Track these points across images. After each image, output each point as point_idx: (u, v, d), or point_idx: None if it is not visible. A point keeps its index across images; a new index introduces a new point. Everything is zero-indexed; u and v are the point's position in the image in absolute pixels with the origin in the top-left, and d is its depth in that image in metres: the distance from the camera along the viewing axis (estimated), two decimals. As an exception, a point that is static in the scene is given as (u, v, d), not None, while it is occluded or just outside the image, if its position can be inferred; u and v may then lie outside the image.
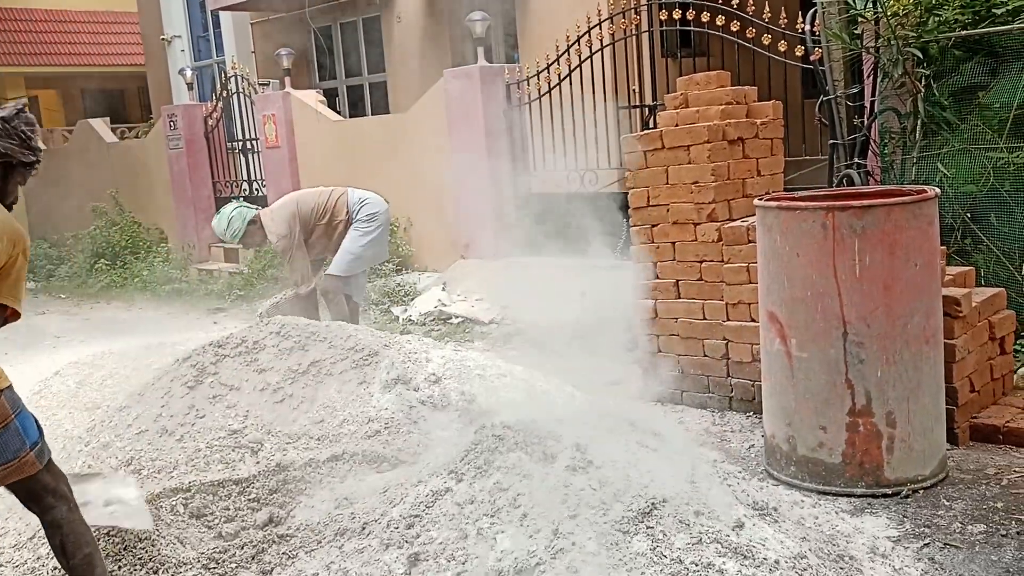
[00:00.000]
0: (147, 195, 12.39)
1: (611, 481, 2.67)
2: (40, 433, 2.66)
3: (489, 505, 2.75)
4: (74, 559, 2.68)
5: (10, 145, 2.63)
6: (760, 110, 4.88)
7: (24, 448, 2.55)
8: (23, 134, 2.67)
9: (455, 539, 2.72)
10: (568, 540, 2.54)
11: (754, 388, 4.57)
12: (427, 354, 4.40)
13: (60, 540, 2.67)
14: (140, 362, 5.64)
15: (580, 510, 2.60)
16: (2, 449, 2.51)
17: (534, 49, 8.63)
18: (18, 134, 2.66)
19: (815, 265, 3.49)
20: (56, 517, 2.67)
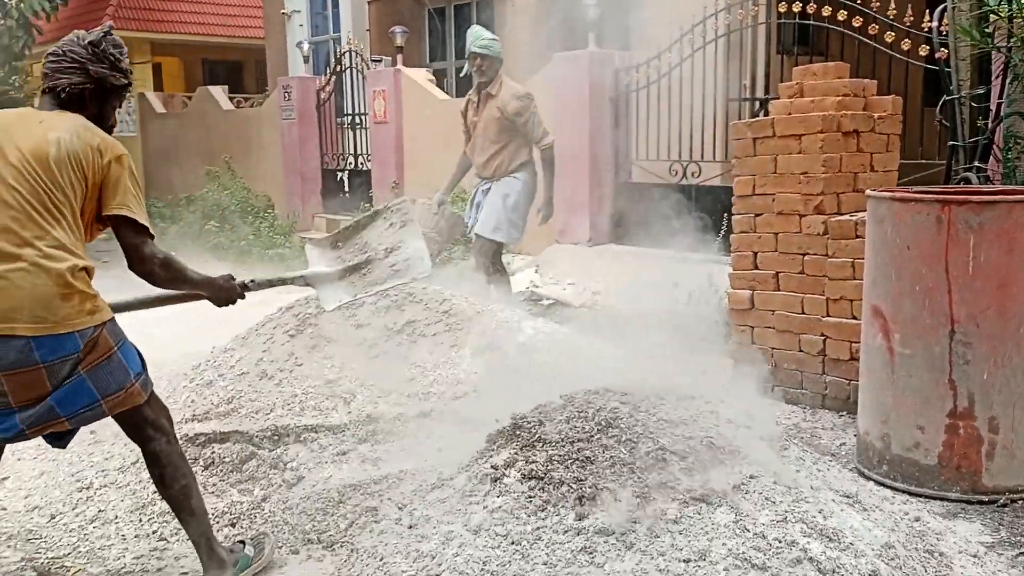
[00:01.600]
0: (258, 163, 12.80)
1: (697, 451, 2.65)
2: (143, 365, 2.71)
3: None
4: (171, 489, 2.76)
5: (100, 69, 2.66)
6: (879, 104, 4.75)
7: (129, 379, 2.61)
8: (112, 56, 2.69)
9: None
10: (651, 506, 2.54)
11: (849, 387, 4.46)
12: (519, 324, 4.45)
13: (159, 472, 2.75)
14: (244, 314, 5.83)
15: (664, 477, 2.59)
16: (108, 381, 2.56)
17: (645, 37, 8.56)
18: (107, 57, 2.68)
19: (926, 259, 3.39)
20: (156, 449, 2.74)
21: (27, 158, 2.49)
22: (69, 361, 2.48)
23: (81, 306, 2.49)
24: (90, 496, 3.45)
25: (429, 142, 10.09)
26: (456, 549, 2.56)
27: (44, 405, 2.49)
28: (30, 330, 2.41)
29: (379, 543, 2.87)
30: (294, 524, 3.15)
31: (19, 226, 2.44)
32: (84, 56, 2.65)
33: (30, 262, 2.42)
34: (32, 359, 2.43)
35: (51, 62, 2.66)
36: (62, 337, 2.46)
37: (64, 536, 3.23)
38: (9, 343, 2.41)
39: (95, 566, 3.02)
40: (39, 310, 2.42)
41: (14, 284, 2.41)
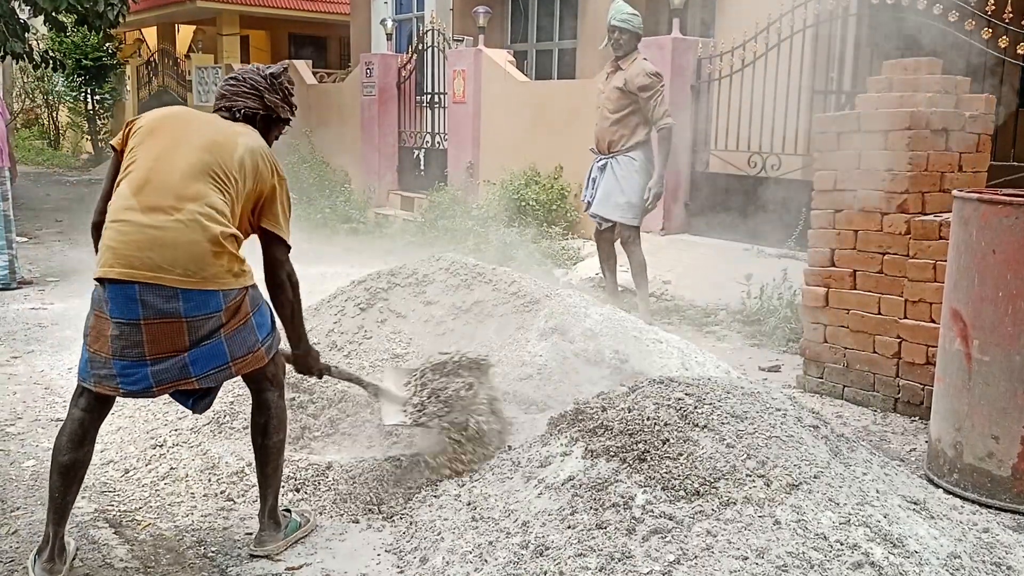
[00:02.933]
0: (337, 137, 12.98)
1: (759, 447, 2.62)
2: (272, 326, 2.84)
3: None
4: (270, 439, 2.90)
5: (275, 100, 2.89)
6: (971, 102, 4.59)
7: (257, 343, 2.73)
8: (287, 90, 2.92)
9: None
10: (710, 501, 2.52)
11: (923, 392, 4.35)
12: (586, 310, 4.43)
13: (264, 420, 2.89)
14: (316, 286, 5.96)
15: (725, 472, 2.57)
16: (239, 344, 2.67)
17: (731, 25, 8.42)
18: (282, 89, 2.91)
19: (1011, 264, 3.28)
20: (268, 399, 2.89)
21: (214, 142, 2.68)
22: (212, 319, 2.59)
23: (230, 266, 2.60)
24: (163, 454, 3.57)
25: (506, 124, 10.10)
26: (513, 530, 2.58)
27: (179, 360, 2.60)
28: (179, 282, 2.53)
29: (437, 517, 2.92)
30: (356, 494, 3.22)
31: (185, 184, 2.58)
32: (263, 85, 2.86)
33: (189, 217, 2.55)
34: (176, 310, 2.54)
35: (231, 85, 2.87)
36: (208, 293, 2.56)
37: (136, 491, 3.35)
38: (156, 291, 2.52)
39: (164, 521, 3.12)
40: (190, 264, 2.53)
41: (170, 236, 2.53)
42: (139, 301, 2.52)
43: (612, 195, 6.12)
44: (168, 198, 2.57)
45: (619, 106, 6.02)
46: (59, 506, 2.67)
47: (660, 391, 2.83)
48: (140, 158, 2.65)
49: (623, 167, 6.09)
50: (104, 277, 2.56)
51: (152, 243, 2.53)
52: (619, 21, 6.02)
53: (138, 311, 2.53)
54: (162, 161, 2.63)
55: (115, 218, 2.59)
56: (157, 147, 2.66)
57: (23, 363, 5.05)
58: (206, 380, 2.68)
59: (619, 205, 6.10)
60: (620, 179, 6.09)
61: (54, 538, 2.69)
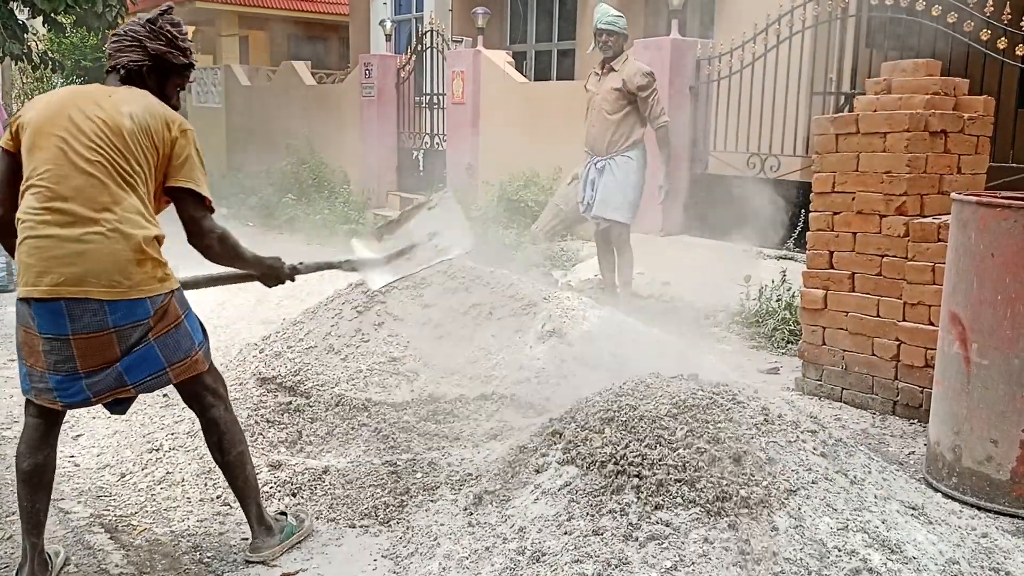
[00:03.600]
0: (336, 138, 12.97)
1: (756, 453, 2.61)
2: (204, 334, 2.78)
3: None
4: (228, 455, 2.83)
5: (159, 47, 2.69)
6: (969, 104, 4.57)
7: (194, 347, 2.68)
8: (169, 34, 2.72)
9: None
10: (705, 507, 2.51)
11: (922, 395, 4.34)
12: (584, 312, 4.42)
13: (217, 437, 2.82)
14: (314, 288, 5.95)
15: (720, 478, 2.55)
16: (175, 347, 2.62)
17: (730, 26, 8.41)
18: (163, 34, 2.70)
19: (1010, 268, 3.27)
20: (214, 416, 2.81)
21: (101, 129, 2.54)
22: (140, 327, 2.55)
23: (153, 272, 2.55)
24: (159, 458, 3.56)
25: (505, 125, 10.09)
26: (510, 535, 2.57)
27: (112, 371, 2.56)
28: (104, 294, 2.48)
29: (434, 522, 2.91)
30: (353, 498, 3.20)
31: (96, 192, 2.50)
32: (142, 34, 2.69)
33: (108, 227, 2.48)
34: (104, 323, 2.49)
35: (113, 42, 2.73)
36: (134, 302, 2.52)
37: (132, 495, 3.34)
38: (83, 306, 2.47)
39: (160, 526, 3.11)
40: (115, 275, 2.48)
41: (92, 248, 2.47)
42: (67, 316, 2.48)
43: (611, 196, 6.15)
44: (82, 208, 2.48)
45: (617, 106, 6.04)
46: (29, 515, 2.62)
47: (656, 394, 2.82)
48: (39, 164, 2.51)
49: (621, 167, 6.12)
50: (29, 296, 2.49)
51: (74, 257, 2.46)
52: (605, 24, 6.09)
53: (66, 326, 2.49)
54: (64, 168, 2.50)
55: (31, 233, 2.49)
56: (51, 149, 2.52)
57: (12, 369, 5.04)
58: (143, 387, 2.64)
59: (618, 205, 6.14)
60: (619, 179, 6.12)
61: (32, 552, 2.63)
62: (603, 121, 6.11)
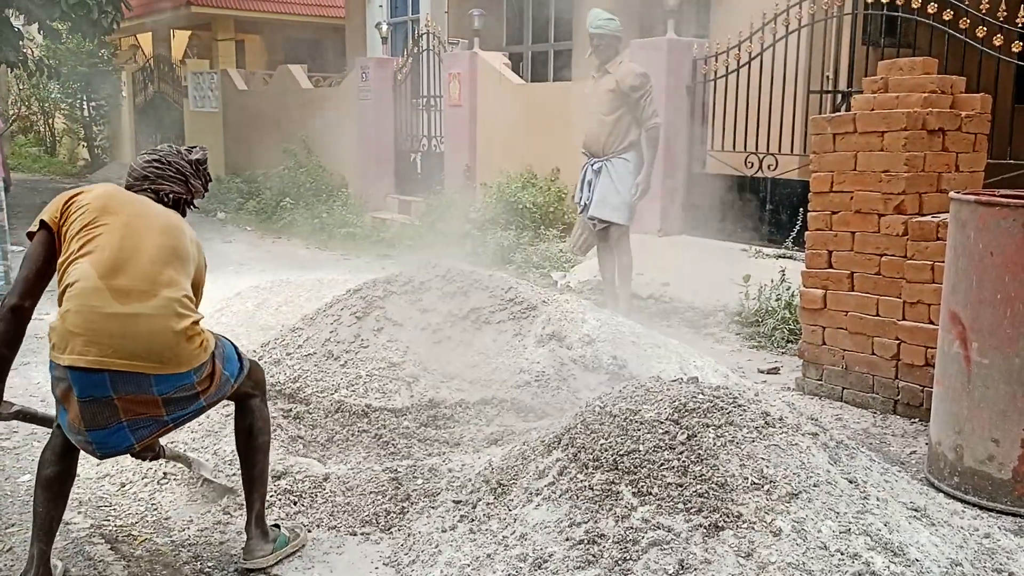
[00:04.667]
0: (334, 141, 12.96)
1: (759, 456, 2.60)
2: (240, 360, 2.84)
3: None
4: (256, 440, 2.91)
5: (198, 186, 2.90)
6: (967, 102, 4.57)
7: (231, 384, 2.78)
8: (207, 176, 2.95)
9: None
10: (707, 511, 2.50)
11: (923, 394, 4.33)
12: (583, 315, 4.42)
13: (249, 423, 2.91)
14: (313, 293, 5.95)
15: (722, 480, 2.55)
16: (216, 395, 2.74)
17: (726, 26, 8.40)
18: (205, 175, 2.93)
19: (1009, 267, 3.26)
20: (251, 404, 2.92)
21: (170, 224, 2.69)
22: (186, 390, 2.62)
23: (200, 347, 2.61)
24: (159, 467, 3.55)
25: (503, 126, 10.08)
26: (511, 542, 2.56)
27: (159, 420, 2.63)
28: (154, 368, 2.52)
29: (435, 529, 2.90)
30: (354, 505, 3.19)
31: (158, 271, 2.57)
32: (188, 171, 2.86)
33: (163, 304, 2.54)
34: (150, 392, 2.55)
35: (156, 168, 2.81)
36: (180, 375, 2.58)
37: (133, 505, 3.33)
38: (129, 378, 2.51)
39: (160, 536, 3.10)
40: (166, 352, 2.53)
41: (145, 325, 2.50)
42: (110, 385, 2.50)
43: (608, 197, 6.17)
44: (142, 283, 2.54)
45: (612, 108, 6.06)
46: (43, 523, 2.64)
47: (657, 398, 2.81)
48: (102, 237, 2.56)
49: (617, 169, 6.14)
50: (74, 365, 2.48)
51: (125, 332, 2.48)
52: (596, 28, 6.13)
53: (109, 392, 2.51)
54: (128, 242, 2.57)
55: (83, 302, 2.49)
56: (118, 228, 2.59)
57: (18, 375, 5.02)
58: (182, 422, 2.73)
59: (615, 206, 6.16)
60: (615, 181, 6.14)
61: (39, 560, 2.63)
62: (599, 123, 6.13)
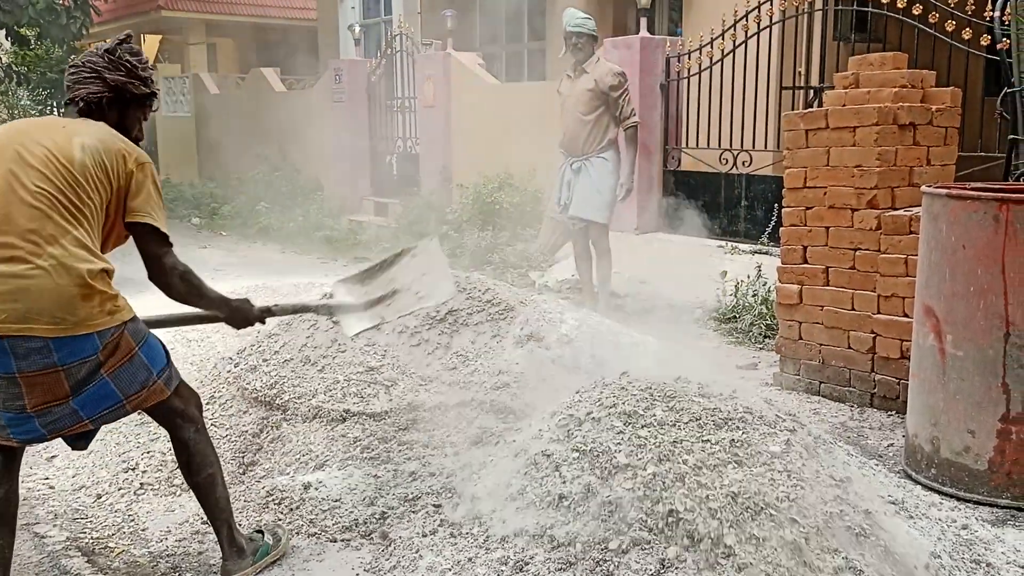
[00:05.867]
0: (308, 144, 12.90)
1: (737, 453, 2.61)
2: (167, 358, 2.68)
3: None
4: (198, 477, 2.77)
5: (118, 78, 2.62)
6: (937, 96, 4.61)
7: (151, 377, 2.59)
8: (128, 64, 2.65)
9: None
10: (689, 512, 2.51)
11: (899, 387, 4.37)
12: (561, 315, 4.41)
13: (186, 458, 2.76)
14: (290, 297, 5.90)
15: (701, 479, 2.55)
16: (131, 380, 2.54)
17: (698, 23, 8.44)
18: (123, 64, 2.64)
19: (982, 260, 3.29)
20: (183, 437, 2.74)
21: (50, 160, 2.46)
22: (88, 363, 2.45)
23: (102, 306, 2.45)
24: (136, 477, 3.52)
25: (478, 127, 10.07)
26: (492, 546, 2.56)
27: (66, 407, 2.48)
28: (49, 331, 2.37)
29: (416, 534, 2.89)
30: (333, 511, 3.17)
31: (39, 225, 2.40)
32: (100, 65, 2.62)
33: (52, 262, 2.38)
34: (50, 361, 2.40)
35: (71, 74, 2.64)
36: (81, 338, 2.42)
37: (109, 516, 3.29)
38: (27, 343, 2.37)
39: (138, 547, 3.07)
40: (58, 311, 2.38)
41: (35, 284, 2.36)
42: (11, 354, 2.37)
43: (589, 196, 6.19)
44: (23, 242, 2.37)
45: (591, 107, 6.07)
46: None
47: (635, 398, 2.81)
48: None
49: (597, 168, 6.16)
50: None
51: (15, 293, 2.34)
52: (573, 27, 6.14)
53: (11, 364, 2.38)
54: (5, 197, 2.40)
55: None
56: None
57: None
58: (100, 421, 2.57)
59: (596, 206, 6.18)
60: (595, 180, 6.16)
61: None
62: (577, 122, 6.14)
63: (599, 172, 6.15)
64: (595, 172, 6.15)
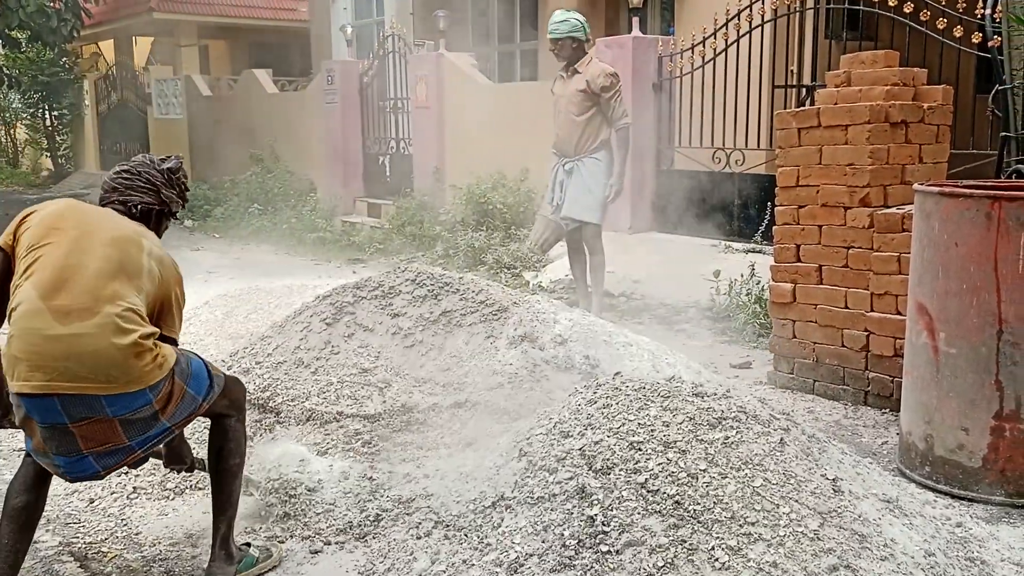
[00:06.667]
0: (301, 146, 12.88)
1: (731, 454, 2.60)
2: (210, 378, 2.73)
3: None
4: (224, 463, 2.82)
5: (171, 195, 2.81)
6: (929, 94, 4.62)
7: (197, 405, 2.68)
8: (182, 185, 2.86)
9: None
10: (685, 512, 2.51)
11: (893, 384, 4.37)
12: (555, 315, 4.41)
13: (221, 444, 2.82)
14: (283, 300, 5.90)
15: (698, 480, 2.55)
16: (179, 414, 2.63)
17: (691, 22, 8.45)
18: (179, 184, 2.84)
19: (974, 257, 3.30)
20: (226, 424, 2.82)
21: (122, 237, 2.58)
22: (143, 411, 2.51)
23: (153, 362, 2.50)
24: (129, 480, 3.50)
25: (471, 127, 10.06)
26: (486, 547, 2.55)
27: (124, 447, 2.54)
28: (102, 389, 2.42)
29: (410, 537, 2.88)
30: (327, 514, 3.16)
31: (101, 285, 2.46)
32: (160, 180, 2.78)
33: (107, 320, 2.42)
34: (104, 415, 2.45)
35: (125, 179, 2.75)
36: (134, 395, 2.47)
37: (102, 521, 3.27)
38: (79, 401, 2.41)
39: (131, 552, 3.05)
40: (113, 370, 2.42)
41: (89, 344, 2.40)
42: (62, 411, 2.41)
43: (581, 197, 6.19)
44: (83, 300, 2.43)
45: (583, 108, 6.07)
46: (8, 554, 2.55)
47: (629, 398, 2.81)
48: (45, 256, 2.48)
49: (589, 168, 6.16)
50: (21, 392, 2.41)
51: (68, 353, 2.38)
52: (550, 32, 6.14)
53: (64, 418, 2.43)
54: (71, 260, 2.48)
55: (24, 326, 2.41)
56: (63, 245, 2.50)
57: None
58: (150, 449, 2.65)
59: (588, 206, 6.18)
60: (587, 180, 6.17)
61: None
62: (570, 123, 6.13)
63: (591, 173, 6.15)
64: (587, 173, 6.15)
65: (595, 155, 6.13)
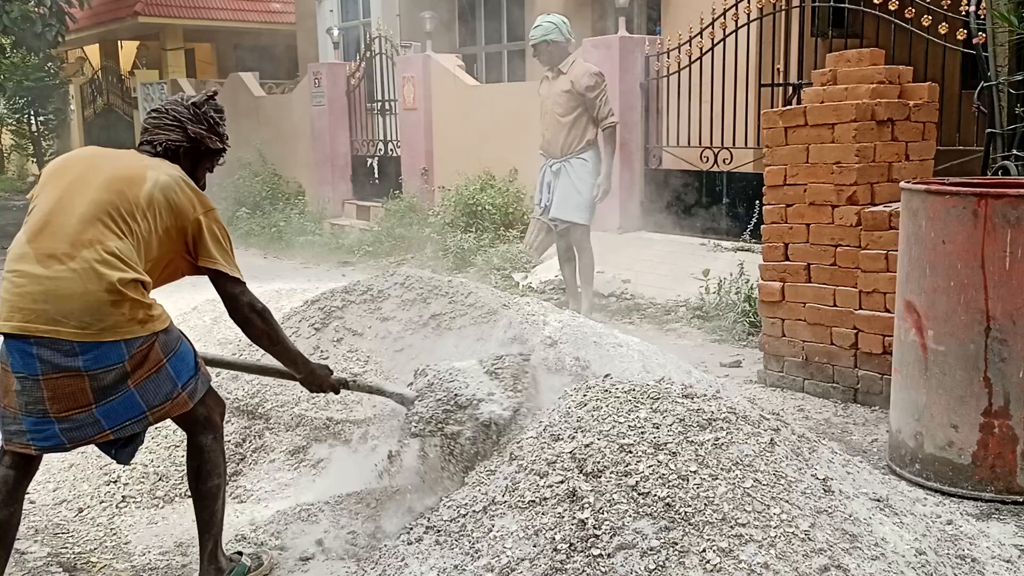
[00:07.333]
0: (288, 149, 12.84)
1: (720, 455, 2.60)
2: (196, 369, 2.67)
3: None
4: (204, 484, 2.74)
5: (199, 130, 2.72)
6: (914, 92, 4.63)
7: (176, 390, 2.59)
8: (211, 119, 2.76)
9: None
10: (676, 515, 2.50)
11: (882, 382, 4.38)
12: (545, 317, 4.39)
13: (197, 464, 2.74)
14: (271, 305, 5.84)
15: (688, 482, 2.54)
16: (154, 392, 2.53)
17: (677, 21, 8.45)
18: (207, 119, 2.75)
19: (961, 254, 3.31)
20: (200, 443, 2.73)
21: (118, 177, 2.55)
22: (114, 371, 2.45)
23: (132, 314, 2.45)
24: (118, 489, 3.48)
25: (459, 129, 10.05)
26: (478, 552, 2.54)
27: (88, 416, 2.47)
28: (75, 335, 2.39)
29: (401, 543, 2.86)
30: (317, 521, 3.15)
31: (81, 229, 2.45)
32: (185, 116, 2.72)
33: (84, 265, 2.41)
34: (75, 365, 2.41)
35: (152, 118, 2.73)
36: (107, 345, 2.42)
37: (91, 530, 3.25)
38: (53, 346, 2.40)
39: (121, 561, 3.04)
40: (86, 315, 2.40)
41: (64, 287, 2.40)
42: (36, 356, 2.41)
43: (569, 198, 6.20)
44: (63, 245, 2.44)
45: (568, 108, 6.07)
46: None
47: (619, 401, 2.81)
48: (40, 202, 2.54)
49: (577, 169, 6.16)
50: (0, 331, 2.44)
51: (47, 295, 2.40)
52: (535, 39, 6.18)
53: (36, 366, 2.41)
54: (61, 204, 2.50)
55: (10, 268, 2.46)
56: (58, 190, 2.54)
57: None
58: (122, 431, 2.54)
59: (576, 206, 6.19)
60: (575, 181, 6.17)
61: None
62: (556, 124, 6.14)
63: (579, 173, 6.16)
64: (575, 173, 6.16)
65: (582, 156, 6.14)
